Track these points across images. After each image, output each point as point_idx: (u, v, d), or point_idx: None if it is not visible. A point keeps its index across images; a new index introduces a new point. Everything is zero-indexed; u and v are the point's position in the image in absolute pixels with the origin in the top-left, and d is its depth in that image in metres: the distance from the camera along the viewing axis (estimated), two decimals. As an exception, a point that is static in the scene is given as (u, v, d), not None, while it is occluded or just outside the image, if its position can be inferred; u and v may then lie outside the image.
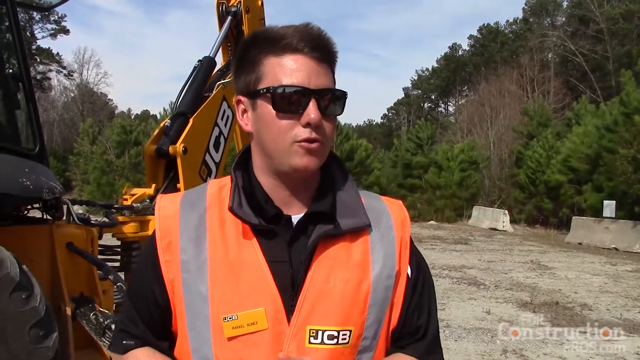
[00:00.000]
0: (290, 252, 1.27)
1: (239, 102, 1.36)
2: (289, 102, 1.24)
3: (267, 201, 1.31)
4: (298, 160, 1.25)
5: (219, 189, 1.37)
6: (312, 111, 1.23)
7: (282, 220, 1.30)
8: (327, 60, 1.30)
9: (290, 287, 1.25)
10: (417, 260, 1.41)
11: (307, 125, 1.24)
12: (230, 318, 1.22)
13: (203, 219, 1.31)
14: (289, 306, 1.24)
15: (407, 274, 1.36)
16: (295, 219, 1.31)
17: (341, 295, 1.26)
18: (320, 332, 1.24)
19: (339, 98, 1.30)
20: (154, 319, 1.35)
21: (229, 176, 1.38)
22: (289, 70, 1.26)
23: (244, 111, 1.35)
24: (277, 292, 1.23)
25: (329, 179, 1.39)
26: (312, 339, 1.23)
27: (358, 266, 1.29)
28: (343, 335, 1.25)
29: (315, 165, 1.27)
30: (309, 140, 1.24)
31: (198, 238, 1.29)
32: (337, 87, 1.33)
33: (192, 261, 1.27)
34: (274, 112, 1.25)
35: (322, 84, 1.26)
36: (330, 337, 1.24)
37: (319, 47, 1.27)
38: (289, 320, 1.23)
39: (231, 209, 1.27)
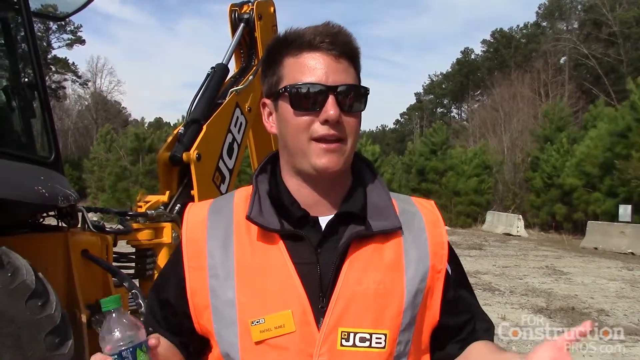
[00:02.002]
0: (318, 253, 1.26)
1: (264, 105, 1.36)
2: (306, 99, 1.23)
3: (293, 204, 1.30)
4: (317, 160, 1.24)
5: (245, 197, 1.36)
6: (330, 107, 1.22)
7: (309, 223, 1.29)
8: (347, 56, 1.28)
9: (318, 289, 1.23)
10: (455, 261, 1.40)
11: (325, 122, 1.23)
12: (257, 322, 1.21)
13: (230, 226, 1.31)
14: (318, 308, 1.22)
15: (447, 272, 1.35)
16: (323, 220, 1.30)
17: (374, 297, 1.24)
18: (352, 335, 1.22)
19: (359, 94, 1.28)
20: (168, 319, 1.37)
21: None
22: (306, 68, 1.25)
23: (269, 114, 1.36)
24: (304, 294, 1.22)
25: (360, 181, 1.38)
26: (343, 341, 1.21)
27: (391, 268, 1.27)
28: (377, 338, 1.23)
29: (336, 165, 1.26)
30: (326, 138, 1.23)
31: (225, 244, 1.29)
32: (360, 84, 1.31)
33: (219, 267, 1.27)
34: (292, 110, 1.25)
35: (341, 80, 1.25)
36: (362, 340, 1.22)
37: (337, 44, 1.26)
38: (317, 322, 1.22)
39: (249, 217, 1.27)
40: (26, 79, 4.12)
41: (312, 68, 1.25)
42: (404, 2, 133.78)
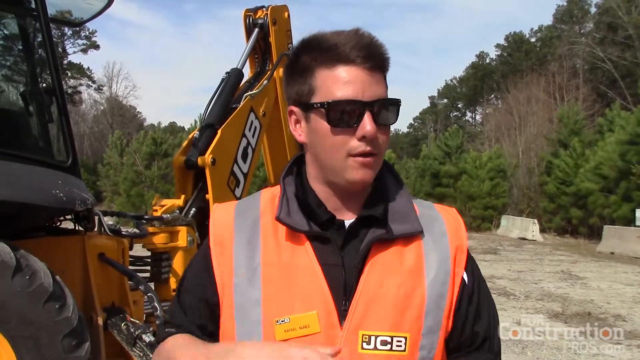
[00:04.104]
0: (342, 256, 1.27)
1: (291, 112, 1.35)
2: (343, 116, 1.24)
3: (320, 206, 1.31)
4: (354, 174, 1.25)
5: (271, 198, 1.37)
6: (367, 124, 1.23)
7: (335, 225, 1.30)
8: (380, 68, 1.29)
9: (342, 291, 1.24)
10: (472, 268, 1.38)
11: (363, 138, 1.23)
12: (282, 321, 1.22)
13: (257, 226, 1.32)
14: (342, 310, 1.23)
15: (463, 279, 1.34)
16: (347, 223, 1.31)
17: (394, 301, 1.24)
18: (373, 338, 1.22)
19: (392, 106, 1.29)
20: (201, 316, 1.35)
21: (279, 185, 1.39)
22: (342, 83, 1.24)
23: (297, 121, 1.35)
24: (329, 296, 1.23)
25: (382, 186, 1.38)
26: (364, 344, 1.22)
27: (412, 272, 1.27)
28: (398, 341, 1.23)
29: (370, 178, 1.28)
30: (364, 154, 1.24)
31: (251, 244, 1.30)
32: (389, 95, 1.31)
33: (245, 266, 1.28)
34: (328, 126, 1.25)
35: (376, 94, 1.25)
36: (383, 343, 1.22)
37: (371, 56, 1.26)
38: (341, 324, 1.22)
39: (278, 218, 1.28)
40: (44, 84, 4.18)
41: (348, 83, 1.24)
42: (419, 6, 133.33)
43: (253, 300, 1.25)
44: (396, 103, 1.30)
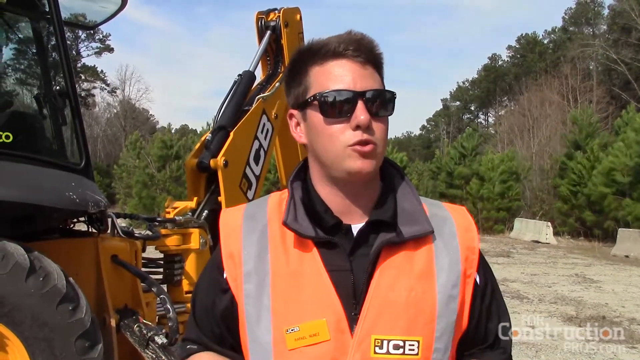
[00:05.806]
0: (351, 261, 1.25)
1: (291, 116, 1.36)
2: (336, 106, 1.24)
3: (327, 211, 1.29)
4: (352, 164, 1.23)
5: (279, 202, 1.36)
6: (360, 113, 1.22)
7: (342, 230, 1.28)
8: (372, 62, 1.29)
9: (352, 297, 1.23)
10: (484, 268, 1.37)
11: (357, 127, 1.23)
12: (292, 330, 1.21)
13: (265, 232, 1.31)
14: (352, 315, 1.22)
15: (476, 281, 1.33)
16: (355, 228, 1.29)
17: (406, 304, 1.23)
18: (385, 342, 1.21)
19: (387, 98, 1.28)
20: (218, 329, 1.36)
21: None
22: (333, 75, 1.25)
23: (297, 124, 1.35)
24: (338, 302, 1.22)
25: (389, 187, 1.36)
26: (377, 348, 1.20)
27: (423, 275, 1.26)
28: (410, 345, 1.21)
29: (370, 168, 1.25)
30: (361, 143, 1.23)
31: (260, 251, 1.28)
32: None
33: (254, 274, 1.27)
34: (322, 118, 1.25)
35: (369, 85, 1.25)
36: (396, 347, 1.21)
37: (361, 50, 1.26)
38: (351, 329, 1.21)
39: (285, 223, 1.26)
40: (57, 87, 4.20)
41: (339, 75, 1.25)
42: (430, 8, 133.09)
43: (263, 309, 1.25)
44: (391, 94, 1.29)
